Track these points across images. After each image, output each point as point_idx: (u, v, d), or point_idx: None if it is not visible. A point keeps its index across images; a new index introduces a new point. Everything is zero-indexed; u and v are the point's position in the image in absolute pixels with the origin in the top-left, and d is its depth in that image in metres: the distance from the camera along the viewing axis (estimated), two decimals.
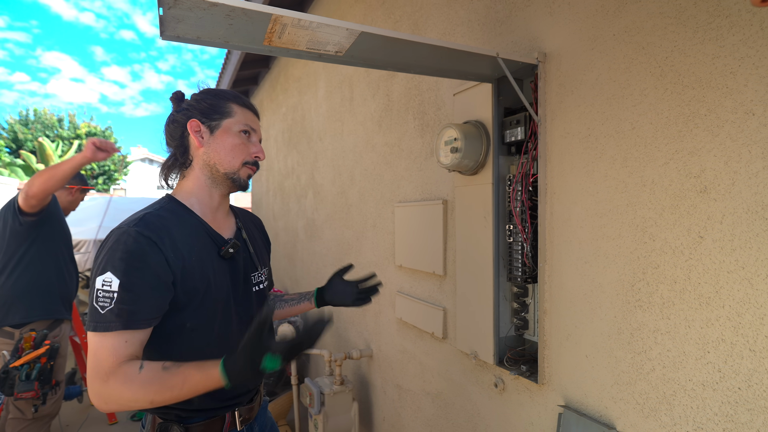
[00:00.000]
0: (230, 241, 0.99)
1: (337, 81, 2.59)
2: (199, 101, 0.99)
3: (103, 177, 18.07)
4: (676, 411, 0.84)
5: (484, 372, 1.37)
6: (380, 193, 2.06)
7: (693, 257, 0.82)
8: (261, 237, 1.19)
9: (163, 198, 0.99)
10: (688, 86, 0.82)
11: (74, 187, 2.40)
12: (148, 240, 0.83)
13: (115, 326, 0.78)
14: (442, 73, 1.19)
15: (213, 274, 0.93)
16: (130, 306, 0.79)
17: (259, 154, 1.02)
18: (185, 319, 0.90)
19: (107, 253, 0.82)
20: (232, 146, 0.98)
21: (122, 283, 0.79)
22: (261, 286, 1.08)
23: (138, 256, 0.81)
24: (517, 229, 1.23)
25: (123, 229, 0.84)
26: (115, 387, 0.77)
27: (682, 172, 0.83)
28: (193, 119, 0.97)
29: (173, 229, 0.89)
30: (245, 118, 1.01)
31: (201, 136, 0.98)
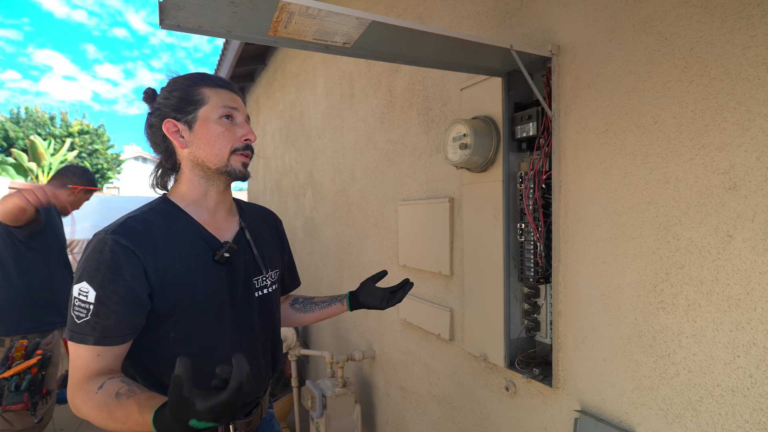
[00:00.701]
0: (226, 244, 0.92)
1: (337, 77, 2.54)
2: (167, 97, 0.90)
3: (96, 175, 17.87)
4: (703, 417, 0.81)
5: (494, 375, 1.33)
6: (382, 191, 2.02)
7: (721, 257, 0.78)
8: (273, 235, 1.10)
9: (156, 199, 0.93)
10: (715, 78, 0.79)
11: (77, 188, 2.28)
12: (125, 249, 0.78)
13: (89, 339, 0.76)
14: (451, 66, 1.15)
15: (203, 280, 0.87)
16: (104, 320, 0.76)
17: (249, 136, 0.92)
18: (168, 329, 0.84)
19: (85, 261, 0.78)
20: (215, 137, 0.89)
21: (98, 296, 0.76)
22: (266, 290, 1.00)
23: (113, 268, 0.77)
24: (529, 227, 1.19)
25: (101, 236, 0.80)
26: (78, 401, 0.74)
27: (708, 168, 0.80)
28: (168, 119, 0.89)
29: (158, 233, 0.84)
30: (221, 100, 0.90)
31: (180, 136, 0.90)
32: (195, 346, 0.86)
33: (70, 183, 2.25)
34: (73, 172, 2.29)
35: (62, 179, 2.25)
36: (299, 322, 1.26)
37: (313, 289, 3.01)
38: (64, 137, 17.01)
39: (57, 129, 17.23)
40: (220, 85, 0.93)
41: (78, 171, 2.32)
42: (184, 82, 0.91)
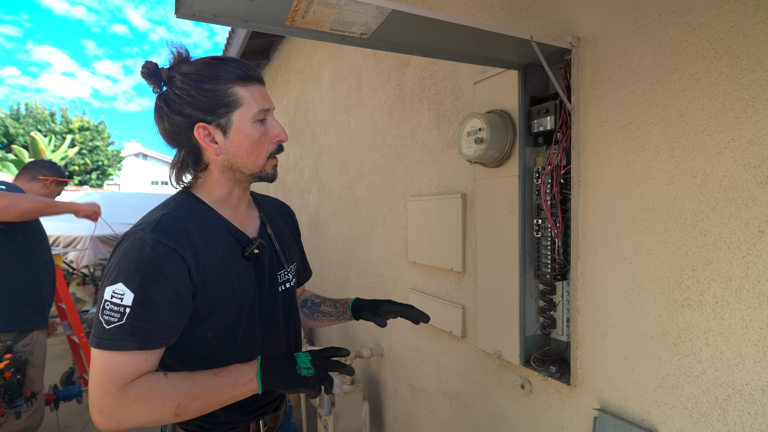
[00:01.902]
0: (255, 240, 0.89)
1: (343, 72, 2.51)
2: (190, 93, 0.80)
3: (97, 172, 17.84)
4: (731, 417, 0.79)
5: (509, 372, 1.32)
6: (391, 187, 2.00)
7: (752, 253, 0.76)
8: (289, 229, 1.08)
9: (179, 194, 0.88)
10: (747, 69, 0.76)
11: (48, 179, 2.20)
12: (167, 248, 0.74)
13: (128, 345, 0.70)
14: (467, 59, 1.12)
15: (238, 278, 0.85)
16: (146, 324, 0.71)
17: (281, 137, 0.89)
18: (206, 329, 0.82)
19: (119, 261, 0.72)
20: (252, 144, 0.84)
21: (137, 298, 0.70)
22: (288, 285, 0.99)
23: (155, 268, 0.72)
24: (546, 223, 1.17)
25: (138, 234, 0.74)
26: (138, 396, 0.69)
27: (739, 162, 0.78)
28: (199, 124, 0.81)
29: (193, 231, 0.80)
30: (255, 101, 0.84)
31: (214, 142, 0.83)
32: (230, 344, 0.85)
33: (40, 175, 2.18)
34: (41, 164, 2.24)
35: (32, 172, 2.19)
36: (305, 325, 1.24)
37: (318, 286, 3.00)
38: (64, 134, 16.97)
39: (57, 125, 17.19)
40: (251, 78, 0.85)
41: (46, 164, 2.26)
42: (213, 76, 0.81)
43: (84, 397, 2.95)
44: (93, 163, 17.58)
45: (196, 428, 0.86)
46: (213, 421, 0.86)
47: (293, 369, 0.74)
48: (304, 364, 0.74)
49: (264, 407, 0.94)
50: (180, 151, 0.87)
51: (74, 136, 16.98)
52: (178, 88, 0.81)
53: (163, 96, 0.83)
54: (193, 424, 0.86)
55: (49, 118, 17.21)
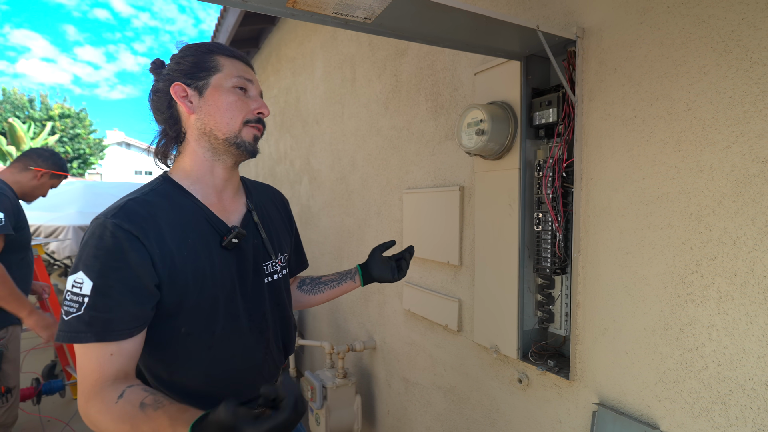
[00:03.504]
0: (234, 229, 0.84)
1: (337, 61, 2.46)
2: (179, 62, 0.84)
3: (78, 161, 17.37)
4: (733, 411, 0.79)
5: (506, 366, 1.31)
6: (386, 179, 1.97)
7: (758, 248, 0.76)
8: (281, 217, 1.04)
9: (157, 178, 0.86)
10: (757, 62, 0.76)
11: (40, 170, 2.07)
12: (128, 234, 0.71)
13: (86, 337, 0.66)
14: (470, 48, 1.10)
15: (211, 268, 0.80)
16: (105, 314, 0.67)
17: (262, 109, 0.86)
18: (179, 324, 0.78)
19: (81, 249, 0.71)
20: (227, 105, 0.82)
21: (96, 286, 0.67)
22: (276, 276, 0.94)
23: (115, 254, 0.69)
24: (546, 217, 1.16)
25: (100, 220, 0.71)
26: (93, 412, 0.65)
27: (747, 157, 0.77)
28: (177, 83, 0.82)
29: (162, 217, 0.77)
30: (237, 70, 0.85)
31: (189, 101, 0.83)
32: (207, 340, 0.81)
33: (33, 165, 2.05)
34: (39, 154, 2.10)
35: (25, 161, 2.06)
36: (308, 304, 1.19)
37: None
38: (44, 120, 16.46)
39: (36, 112, 16.65)
40: (237, 56, 0.88)
41: (45, 154, 2.12)
42: (198, 48, 0.85)
43: (67, 390, 2.88)
44: (74, 151, 17.11)
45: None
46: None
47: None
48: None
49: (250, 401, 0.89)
50: (162, 125, 0.87)
51: (54, 123, 16.48)
52: (172, 63, 0.85)
53: (159, 76, 0.86)
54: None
55: (27, 105, 16.66)
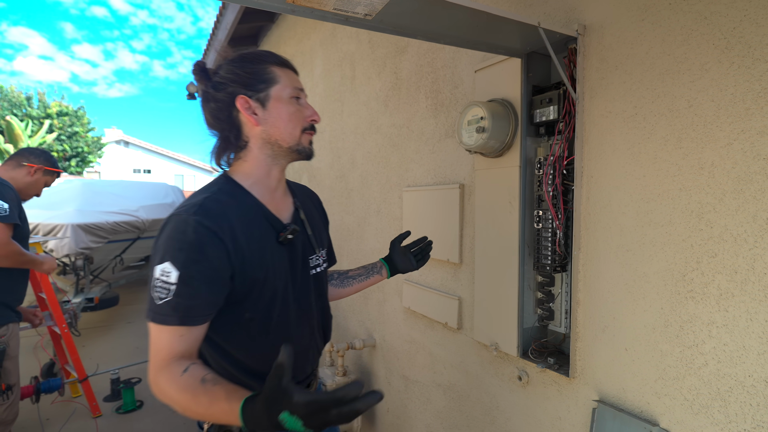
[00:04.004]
0: (289, 226, 0.92)
1: (337, 59, 2.45)
2: (236, 72, 0.88)
3: (76, 159, 17.31)
4: (732, 408, 0.80)
5: (505, 364, 1.31)
6: (386, 176, 1.97)
7: (759, 246, 0.76)
8: (319, 215, 1.12)
9: (219, 178, 0.92)
10: (759, 59, 0.76)
11: (33, 166, 2.09)
12: (208, 231, 0.78)
13: (171, 320, 0.75)
14: (471, 44, 1.10)
15: (272, 261, 0.88)
16: (188, 301, 0.75)
17: (315, 117, 0.94)
18: (244, 310, 0.86)
19: (166, 241, 0.77)
20: (289, 116, 0.90)
21: (181, 276, 0.74)
22: (319, 269, 1.01)
23: (197, 248, 0.76)
24: (547, 215, 1.16)
25: (182, 216, 0.78)
26: (161, 382, 0.74)
27: (748, 154, 0.77)
28: (240, 96, 0.87)
29: (232, 214, 0.83)
30: (291, 81, 0.92)
31: (254, 113, 0.88)
32: (266, 325, 0.88)
33: (26, 162, 2.08)
34: (30, 152, 2.14)
35: (18, 158, 2.09)
36: (338, 296, 1.25)
37: None
38: (42, 119, 16.39)
39: (34, 110, 16.58)
40: (288, 65, 0.94)
41: (36, 151, 2.16)
42: (255, 58, 0.90)
43: (66, 389, 2.88)
44: (72, 149, 17.05)
45: None
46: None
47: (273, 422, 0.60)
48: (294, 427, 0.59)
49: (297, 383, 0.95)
50: (222, 131, 0.91)
51: (52, 121, 16.41)
52: (224, 71, 0.88)
53: (210, 83, 0.89)
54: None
55: (25, 102, 16.58)
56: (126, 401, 2.79)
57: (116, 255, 4.92)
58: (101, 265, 4.78)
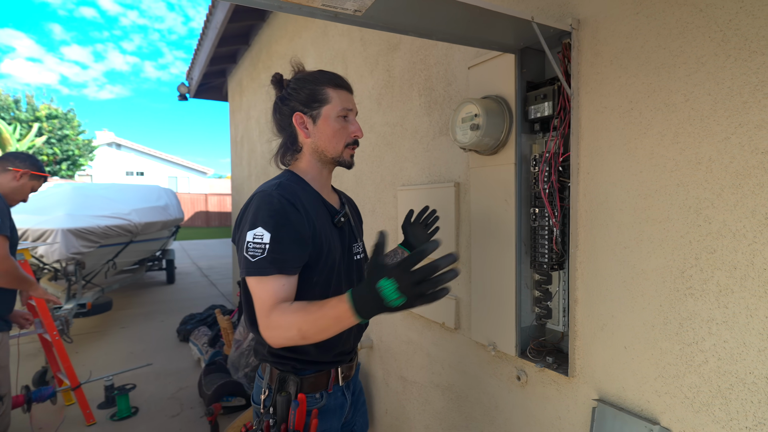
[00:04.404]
0: (342, 211, 1.10)
1: (329, 57, 2.43)
2: (298, 91, 1.05)
3: (67, 162, 17.12)
4: (733, 406, 0.79)
5: (504, 364, 1.30)
6: (380, 176, 1.95)
7: (758, 241, 0.75)
8: (356, 215, 1.28)
9: (285, 172, 1.09)
10: (756, 52, 0.74)
11: (19, 171, 2.05)
12: (288, 202, 0.95)
13: (270, 271, 0.90)
14: (463, 40, 1.08)
15: (331, 237, 1.03)
16: (281, 255, 0.91)
17: (357, 133, 1.09)
18: (313, 273, 1.00)
19: (255, 212, 0.93)
20: (333, 133, 1.05)
21: (273, 236, 0.91)
22: (359, 256, 1.16)
23: (283, 215, 0.93)
24: (543, 212, 1.14)
25: (267, 191, 0.96)
26: (274, 318, 0.88)
27: (746, 148, 0.76)
28: (297, 113, 1.05)
29: (302, 194, 1.00)
30: (341, 101, 1.06)
31: (306, 128, 1.05)
32: (326, 293, 1.01)
33: (11, 166, 2.04)
34: (16, 156, 2.10)
35: (3, 163, 2.05)
36: None
37: None
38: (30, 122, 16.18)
39: (23, 113, 16.36)
40: (342, 86, 1.08)
41: (22, 156, 2.13)
42: (314, 79, 1.06)
43: (59, 397, 2.84)
44: (63, 152, 16.85)
45: (291, 368, 1.03)
46: (304, 360, 1.03)
47: (383, 305, 0.73)
48: (392, 296, 0.71)
49: (342, 355, 1.09)
50: (283, 137, 1.11)
51: (41, 124, 16.20)
52: (290, 89, 1.07)
53: (280, 96, 1.09)
54: (288, 365, 1.03)
55: (13, 105, 16.36)
56: (120, 408, 2.75)
57: (109, 259, 4.87)
58: (93, 270, 4.72)
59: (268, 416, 1.00)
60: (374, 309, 0.75)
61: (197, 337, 3.82)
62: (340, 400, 1.10)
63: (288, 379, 1.03)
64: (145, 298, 6.17)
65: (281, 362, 1.04)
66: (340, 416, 1.11)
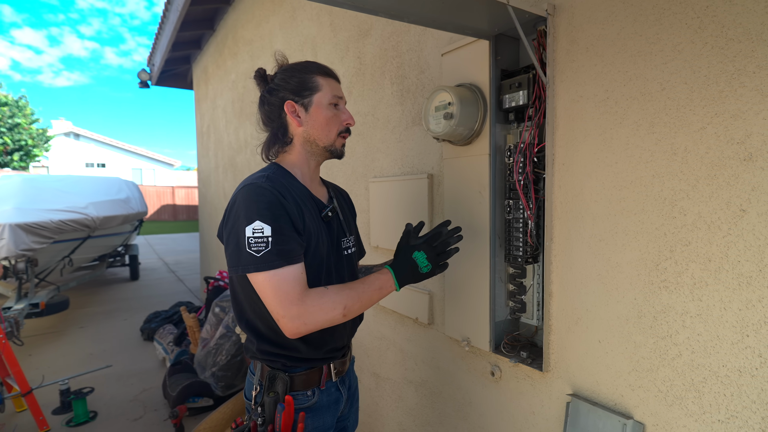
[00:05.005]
0: (329, 205, 1.08)
1: (297, 43, 2.33)
2: (287, 80, 1.03)
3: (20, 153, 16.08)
4: (706, 399, 0.78)
5: (478, 359, 1.27)
6: (351, 167, 1.88)
7: (732, 233, 0.74)
8: (348, 207, 1.24)
9: (271, 165, 1.04)
10: (733, 39, 0.73)
11: None
12: (279, 194, 0.93)
13: (280, 263, 0.87)
14: (436, 24, 1.03)
15: (319, 231, 1.01)
16: (286, 246, 0.89)
17: (349, 121, 1.07)
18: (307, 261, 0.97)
19: (248, 206, 0.89)
20: (326, 120, 1.03)
21: (274, 228, 0.88)
22: (350, 251, 1.13)
23: (279, 205, 0.91)
24: (518, 204, 1.11)
25: (257, 183, 0.93)
26: (309, 305, 0.88)
27: (722, 138, 0.74)
28: (288, 101, 1.02)
29: (288, 188, 0.98)
30: (332, 89, 1.05)
31: (298, 116, 1.03)
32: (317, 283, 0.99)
33: None
34: None
35: None
36: None
37: None
38: None
39: None
40: (330, 74, 1.06)
41: None
42: (302, 68, 1.04)
43: (7, 404, 2.65)
44: (14, 142, 15.80)
45: (281, 366, 1.01)
46: (295, 357, 1.01)
47: (417, 271, 1.00)
48: (423, 263, 0.99)
49: (333, 352, 1.07)
50: (272, 130, 1.07)
51: None
52: (278, 80, 1.04)
53: (267, 88, 1.05)
54: (278, 362, 1.01)
55: None
56: (77, 413, 2.60)
57: (64, 256, 4.59)
58: (48, 267, 4.44)
59: (256, 415, 0.98)
60: (409, 277, 1.00)
61: (162, 336, 3.66)
62: (335, 396, 1.08)
63: (277, 378, 1.00)
64: (106, 296, 5.88)
65: (271, 359, 1.01)
66: (334, 412, 1.08)
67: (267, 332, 0.99)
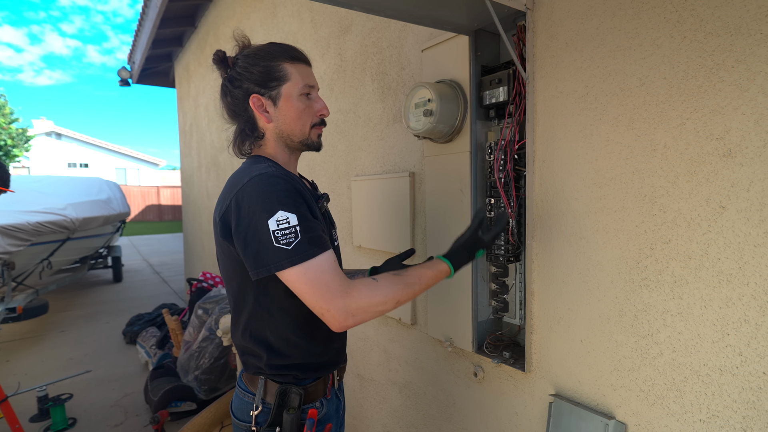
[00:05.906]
0: (324, 195, 1.01)
1: (278, 39, 2.27)
2: (249, 70, 0.91)
3: None
4: (687, 398, 0.77)
5: (460, 359, 1.26)
6: (333, 166, 1.85)
7: (712, 230, 0.73)
8: None
9: (259, 158, 0.94)
10: (711, 33, 0.71)
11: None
12: (290, 182, 0.85)
13: (315, 252, 0.79)
14: (414, 18, 1.00)
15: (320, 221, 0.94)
16: (315, 232, 0.81)
17: (323, 111, 0.98)
18: None
19: (263, 198, 0.80)
20: (298, 114, 0.93)
21: (299, 216, 0.80)
22: (337, 242, 1.07)
23: (295, 193, 0.83)
24: (499, 202, 1.10)
25: (265, 173, 0.84)
26: (362, 294, 0.79)
27: (701, 134, 0.73)
28: (254, 95, 0.91)
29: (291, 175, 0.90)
30: (302, 78, 0.94)
31: (266, 111, 0.93)
32: None
33: None
34: None
35: None
36: None
37: None
38: None
39: None
40: (299, 58, 0.95)
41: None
42: (267, 54, 0.92)
43: None
44: None
45: (292, 379, 0.92)
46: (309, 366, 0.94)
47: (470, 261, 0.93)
48: (479, 254, 0.94)
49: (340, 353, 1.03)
50: (239, 124, 0.97)
51: None
52: (239, 67, 0.92)
53: (228, 76, 0.93)
54: (289, 375, 0.92)
55: None
56: (55, 420, 2.52)
57: (43, 258, 4.46)
58: (25, 271, 4.31)
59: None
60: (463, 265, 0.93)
61: (145, 339, 3.58)
62: (335, 404, 1.03)
63: (290, 392, 0.91)
64: (88, 299, 5.74)
65: (281, 374, 0.92)
66: (337, 420, 1.04)
67: (279, 344, 0.91)
